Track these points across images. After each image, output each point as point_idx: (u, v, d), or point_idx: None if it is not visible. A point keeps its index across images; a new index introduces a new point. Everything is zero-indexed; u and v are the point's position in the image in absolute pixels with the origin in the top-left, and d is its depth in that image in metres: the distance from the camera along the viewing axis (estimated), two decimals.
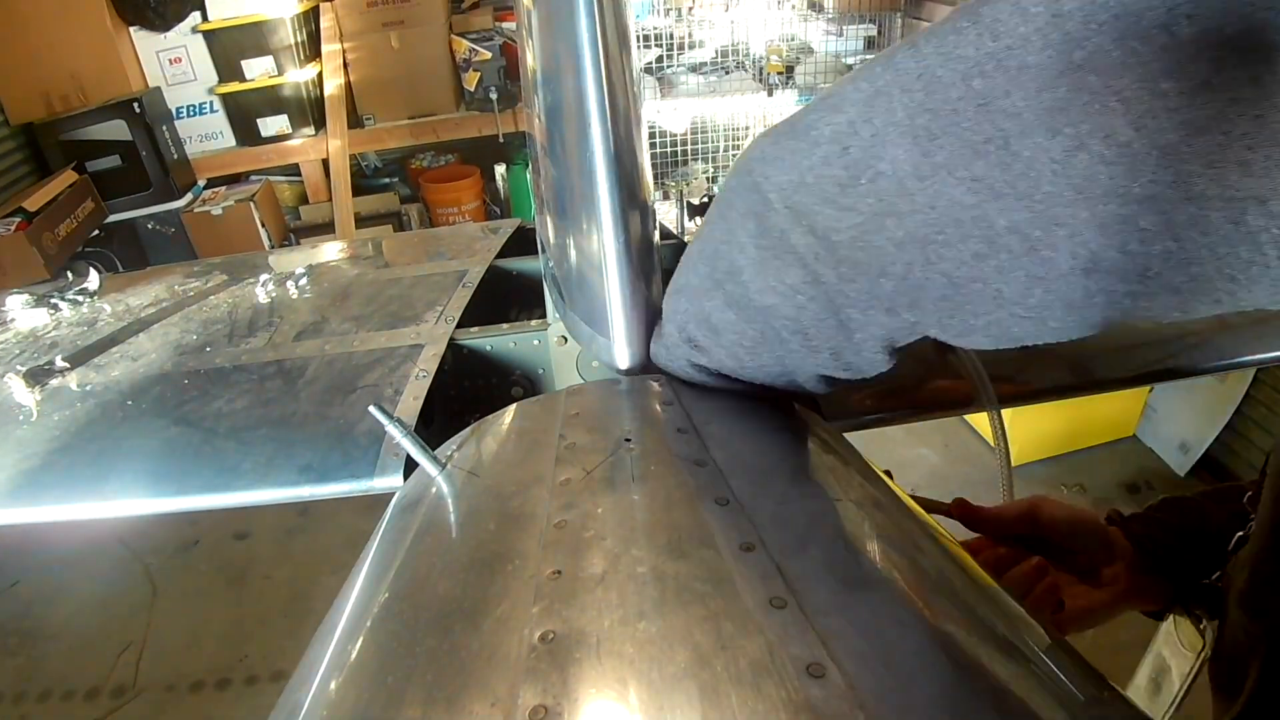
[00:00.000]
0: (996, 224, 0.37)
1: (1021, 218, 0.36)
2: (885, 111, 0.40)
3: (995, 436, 0.75)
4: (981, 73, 0.36)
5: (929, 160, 0.38)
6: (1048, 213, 0.35)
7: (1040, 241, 0.36)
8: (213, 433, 0.85)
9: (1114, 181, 0.33)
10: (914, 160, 0.39)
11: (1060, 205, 0.35)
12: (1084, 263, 0.35)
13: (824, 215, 0.44)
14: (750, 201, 0.49)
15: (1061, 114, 0.34)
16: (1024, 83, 0.34)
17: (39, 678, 2.43)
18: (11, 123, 3.49)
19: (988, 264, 0.38)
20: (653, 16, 4.21)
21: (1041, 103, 0.34)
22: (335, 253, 1.39)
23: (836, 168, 0.42)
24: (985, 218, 0.37)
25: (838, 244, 0.44)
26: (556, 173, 0.71)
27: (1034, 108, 0.34)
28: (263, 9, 3.74)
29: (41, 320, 1.21)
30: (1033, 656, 0.40)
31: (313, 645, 0.48)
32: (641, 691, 0.32)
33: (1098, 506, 2.58)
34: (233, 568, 2.77)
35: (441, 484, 0.57)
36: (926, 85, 0.38)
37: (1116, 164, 0.33)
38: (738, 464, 0.50)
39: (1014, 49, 0.35)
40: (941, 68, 0.37)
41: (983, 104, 0.36)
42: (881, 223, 0.41)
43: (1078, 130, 0.33)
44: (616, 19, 0.58)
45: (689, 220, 4.01)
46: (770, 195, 0.47)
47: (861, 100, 0.41)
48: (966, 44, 0.36)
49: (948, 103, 0.37)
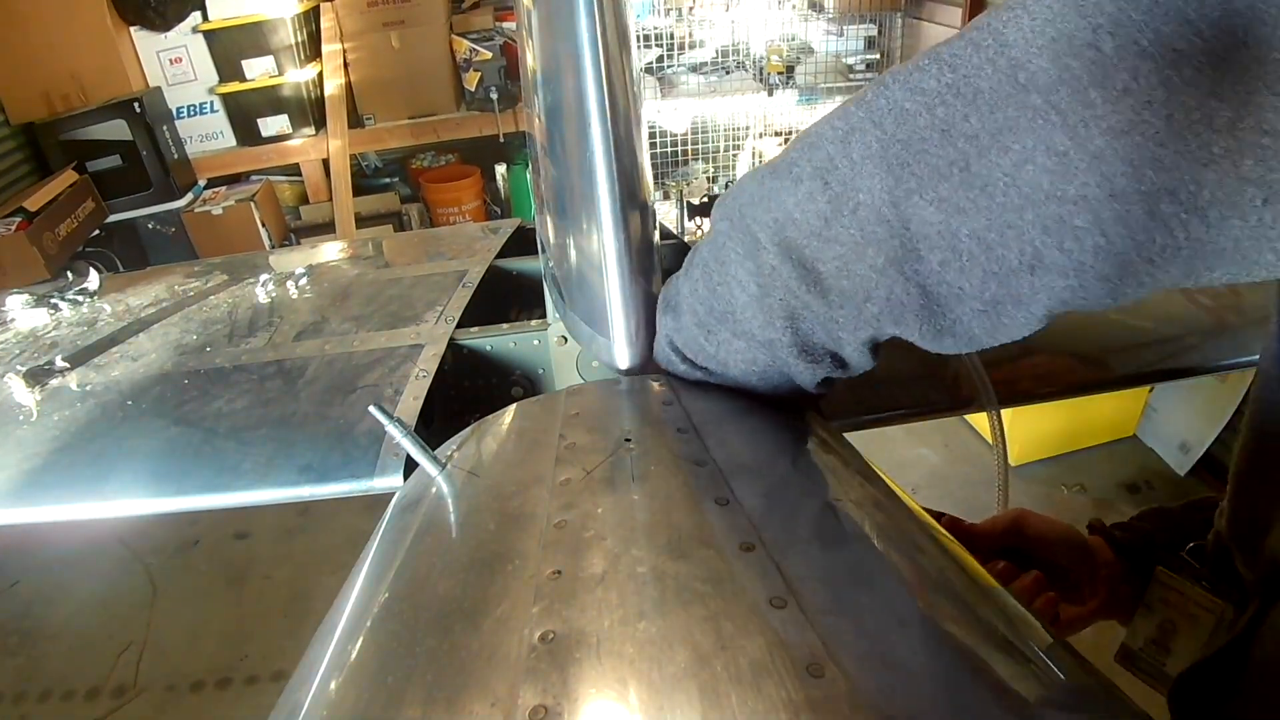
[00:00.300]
0: (960, 234, 0.41)
1: (980, 225, 0.40)
2: (861, 145, 0.43)
3: (994, 436, 0.75)
4: (943, 102, 0.40)
5: (902, 186, 0.42)
6: (1001, 218, 0.40)
7: (995, 243, 0.40)
8: (213, 433, 0.85)
9: (1053, 186, 0.37)
10: (888, 187, 0.42)
11: (1011, 212, 0.39)
12: (1029, 260, 0.40)
13: (810, 248, 0.47)
14: (743, 242, 0.52)
15: (1010, 132, 0.38)
16: (979, 105, 0.39)
17: (39, 678, 2.42)
18: (12, 123, 3.49)
19: (951, 268, 0.43)
20: (653, 16, 4.21)
21: (995, 123, 0.38)
22: (335, 253, 1.39)
23: (820, 202, 0.46)
24: (950, 231, 0.41)
25: (824, 275, 0.47)
26: (556, 173, 0.71)
27: (988, 129, 0.39)
28: (263, 9, 3.74)
29: (41, 320, 1.21)
30: (1033, 656, 0.40)
31: (313, 645, 0.48)
32: (641, 691, 0.32)
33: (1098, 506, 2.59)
34: (233, 568, 2.77)
35: (441, 484, 0.57)
36: (896, 118, 0.42)
37: (1055, 171, 0.37)
38: (738, 464, 0.50)
39: (969, 78, 0.39)
40: (908, 101, 0.41)
41: (945, 130, 0.40)
42: (863, 251, 0.45)
43: (1024, 145, 0.38)
44: (616, 19, 0.58)
45: (689, 220, 4.01)
46: (759, 235, 0.50)
47: (838, 138, 0.45)
48: (929, 78, 0.41)
49: (915, 132, 0.41)
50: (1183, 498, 0.85)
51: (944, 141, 0.40)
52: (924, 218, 0.42)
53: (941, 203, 0.41)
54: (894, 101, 0.42)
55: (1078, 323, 1.00)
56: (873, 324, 0.48)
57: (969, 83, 0.39)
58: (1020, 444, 2.86)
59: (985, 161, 0.39)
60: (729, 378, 0.60)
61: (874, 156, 0.43)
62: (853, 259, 0.45)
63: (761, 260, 0.50)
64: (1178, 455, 2.85)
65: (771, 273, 0.50)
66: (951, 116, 0.40)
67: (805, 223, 0.47)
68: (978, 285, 0.42)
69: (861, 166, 0.43)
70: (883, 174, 0.42)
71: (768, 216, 0.49)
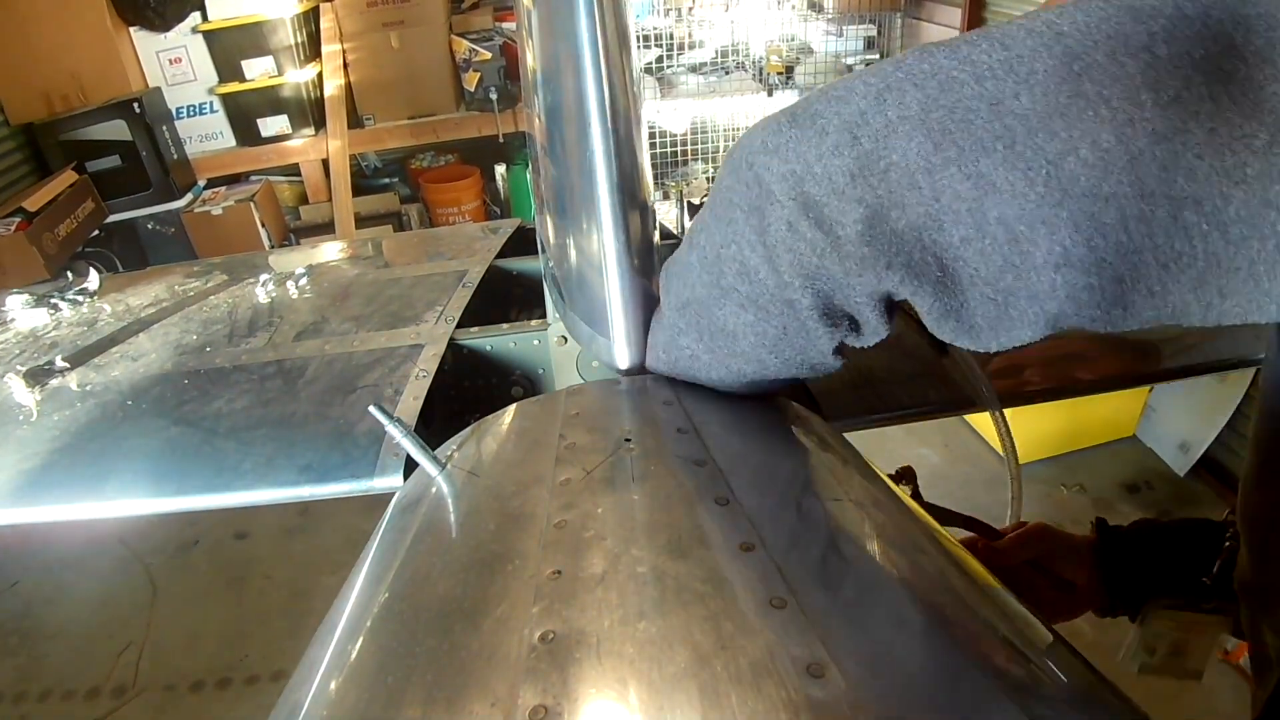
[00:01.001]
0: (988, 215, 0.40)
1: (1011, 212, 0.40)
2: (898, 105, 0.42)
3: (1000, 437, 0.75)
4: (994, 75, 0.39)
5: (940, 154, 0.40)
6: (1036, 211, 0.39)
7: (1023, 236, 0.40)
8: (213, 433, 0.85)
9: (1090, 183, 0.38)
10: (925, 153, 0.41)
11: (1048, 205, 0.39)
12: (1057, 258, 0.39)
13: (831, 206, 0.44)
14: (753, 196, 0.48)
15: (1061, 118, 0.38)
16: (1032, 86, 0.38)
17: (39, 678, 2.42)
18: (11, 123, 3.48)
19: (971, 247, 0.41)
20: (653, 16, 4.22)
21: (1047, 105, 0.38)
22: (335, 253, 1.39)
23: (847, 158, 0.43)
24: (979, 209, 0.40)
25: (843, 238, 0.44)
26: (556, 173, 0.71)
27: (1039, 110, 0.38)
28: (263, 9, 3.73)
29: (41, 320, 1.21)
30: (1033, 656, 0.40)
31: (313, 645, 0.48)
32: (641, 691, 0.32)
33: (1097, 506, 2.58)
34: (233, 568, 2.77)
35: (441, 484, 0.57)
36: (941, 84, 0.40)
37: (1095, 166, 0.37)
38: (738, 464, 0.50)
39: (1023, 57, 0.39)
40: (957, 70, 0.40)
41: (995, 104, 0.39)
42: (887, 214, 0.43)
43: (1071, 135, 0.38)
44: (616, 19, 0.58)
45: (689, 220, 4.01)
46: (774, 187, 0.47)
47: (873, 94, 0.43)
48: (980, 52, 0.40)
49: (962, 100, 0.40)
50: (1183, 498, 0.85)
51: (992, 115, 0.39)
52: (956, 190, 0.40)
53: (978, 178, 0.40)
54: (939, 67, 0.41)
55: None
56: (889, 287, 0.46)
57: (1024, 62, 0.39)
58: (1020, 444, 2.82)
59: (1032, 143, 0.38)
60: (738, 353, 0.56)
61: (912, 118, 0.41)
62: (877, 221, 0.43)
63: (775, 215, 0.47)
64: (1177, 455, 2.85)
65: (788, 229, 0.46)
66: (1002, 91, 0.39)
67: (827, 178, 0.44)
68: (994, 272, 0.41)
69: (898, 126, 0.41)
70: (921, 137, 0.41)
71: (784, 168, 0.46)
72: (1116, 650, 0.81)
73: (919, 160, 0.41)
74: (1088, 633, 0.93)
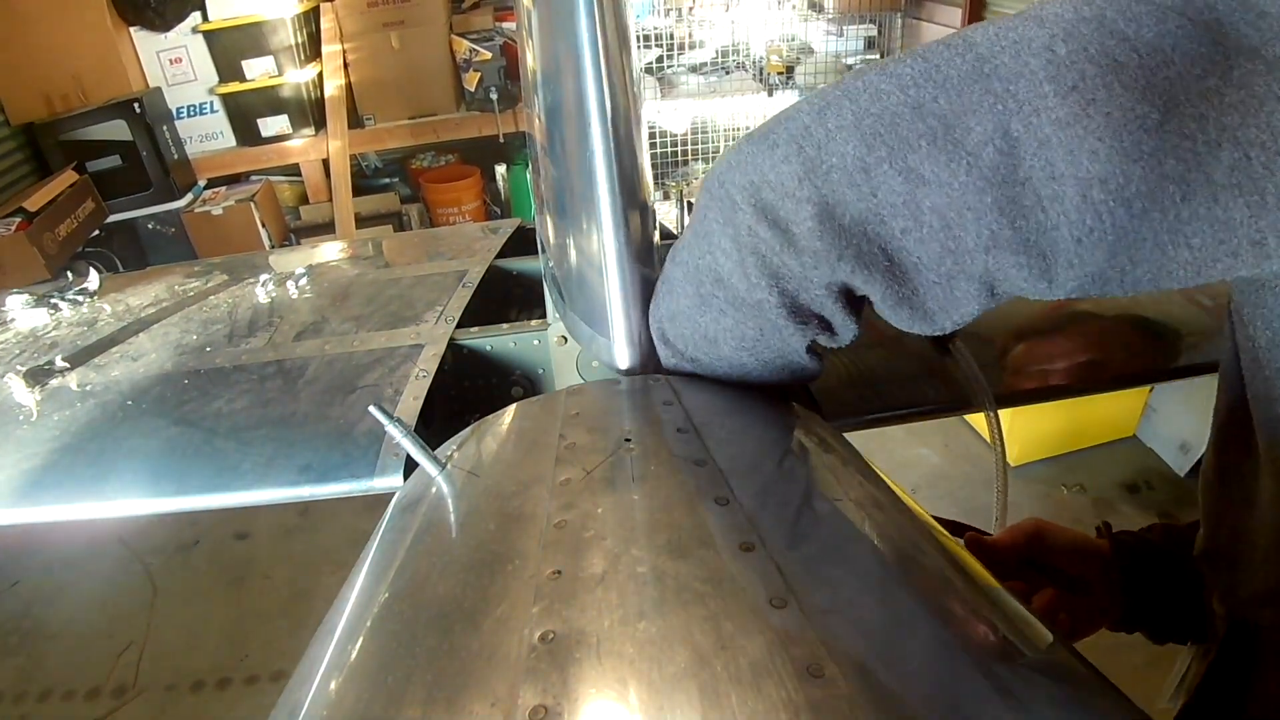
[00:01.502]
0: (922, 206, 0.45)
1: (941, 201, 0.44)
2: (836, 116, 0.47)
3: (992, 437, 0.75)
4: (915, 84, 0.45)
5: (873, 154, 0.46)
6: (961, 199, 0.44)
7: (954, 222, 0.44)
8: (213, 433, 0.85)
9: (1007, 170, 0.42)
10: (860, 154, 0.46)
11: (971, 193, 0.43)
12: (985, 241, 0.44)
13: (784, 208, 0.50)
14: (722, 208, 0.54)
15: (974, 114, 0.43)
16: (948, 89, 0.44)
17: (39, 677, 2.42)
18: (11, 123, 3.48)
19: (910, 237, 0.46)
20: (653, 16, 4.22)
21: (961, 103, 0.43)
22: (335, 253, 1.39)
23: (795, 164, 0.49)
24: (914, 201, 0.45)
25: (797, 235, 0.50)
26: (556, 173, 0.71)
27: (955, 109, 0.43)
28: (263, 9, 3.73)
29: (41, 320, 1.21)
30: (1033, 656, 0.40)
31: (313, 645, 0.48)
32: (641, 691, 0.32)
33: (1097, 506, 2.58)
34: (233, 568, 2.77)
35: (441, 484, 0.57)
36: (871, 95, 0.46)
37: (1009, 155, 0.42)
38: (738, 464, 0.50)
39: (940, 66, 0.44)
40: (884, 83, 0.46)
41: (916, 107, 0.44)
42: (832, 211, 0.48)
43: (984, 128, 0.42)
44: (616, 19, 0.58)
45: (689, 220, 4.01)
46: (736, 197, 0.52)
47: (815, 110, 0.49)
48: (904, 67, 0.46)
49: (889, 108, 0.45)
50: (1183, 498, 0.85)
51: (915, 117, 0.44)
52: (891, 186, 0.45)
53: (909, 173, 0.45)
54: (870, 83, 0.47)
55: (1077, 322, 1.00)
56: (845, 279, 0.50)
57: (940, 70, 0.44)
58: (1020, 444, 2.86)
59: (951, 137, 0.43)
60: (722, 358, 0.60)
61: (848, 126, 0.46)
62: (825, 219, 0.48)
63: (739, 222, 0.52)
64: (1178, 455, 2.85)
65: (749, 233, 0.52)
66: (922, 97, 0.44)
67: (779, 184, 0.50)
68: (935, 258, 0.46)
69: (836, 134, 0.47)
70: (856, 141, 0.46)
71: (744, 179, 0.52)
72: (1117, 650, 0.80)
73: (855, 161, 0.46)
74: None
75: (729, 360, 0.60)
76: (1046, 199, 0.41)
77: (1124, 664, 0.76)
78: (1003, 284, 0.46)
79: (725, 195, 0.53)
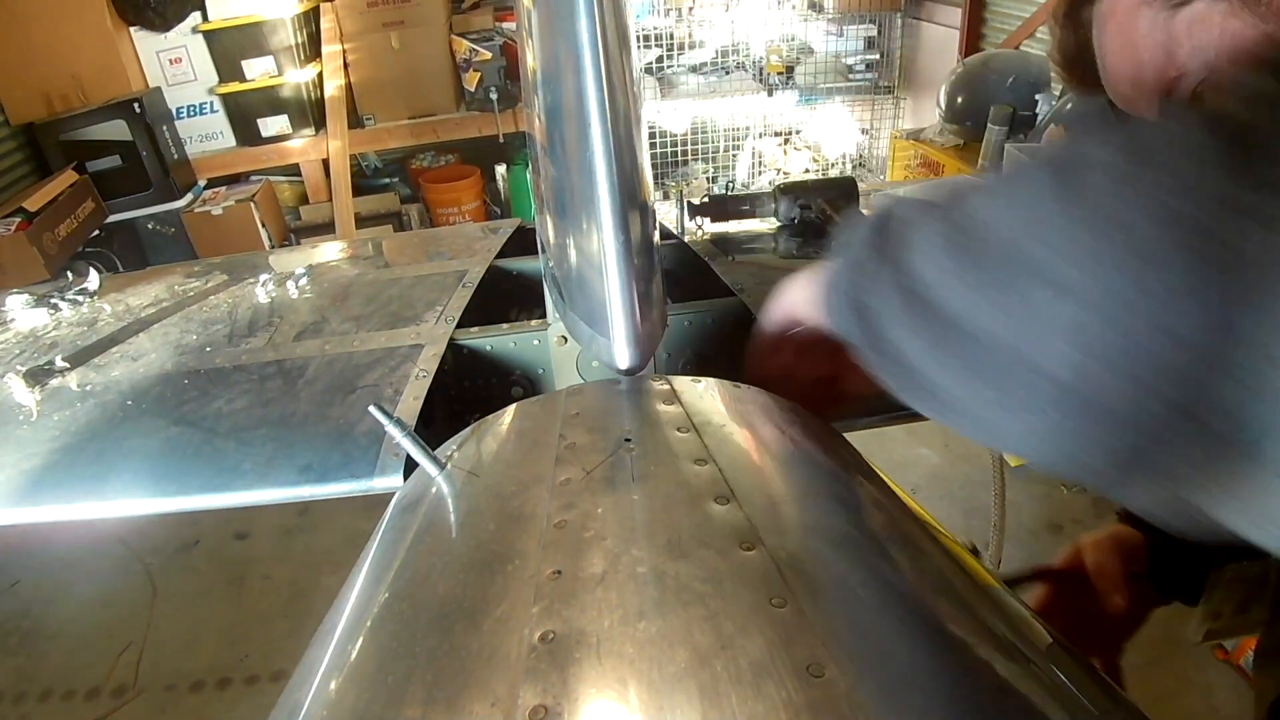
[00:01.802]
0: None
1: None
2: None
3: None
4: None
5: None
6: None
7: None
8: (213, 433, 0.85)
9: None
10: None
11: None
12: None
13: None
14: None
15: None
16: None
17: (39, 677, 2.42)
18: (12, 123, 3.49)
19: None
20: (653, 16, 4.22)
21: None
22: (335, 253, 1.39)
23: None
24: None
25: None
26: (556, 173, 0.71)
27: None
28: (263, 9, 3.74)
29: (41, 320, 1.21)
30: (1032, 656, 0.40)
31: (313, 645, 0.48)
32: (641, 691, 0.32)
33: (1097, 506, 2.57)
34: (233, 568, 2.77)
35: (441, 484, 0.57)
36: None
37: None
38: (738, 464, 0.50)
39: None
40: None
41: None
42: None
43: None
44: (616, 19, 0.58)
45: (689, 220, 4.01)
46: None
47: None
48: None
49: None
50: None
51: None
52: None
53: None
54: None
55: None
56: None
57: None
58: None
59: None
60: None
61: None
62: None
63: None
64: None
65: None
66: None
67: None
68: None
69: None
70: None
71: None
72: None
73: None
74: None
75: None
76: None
77: (1124, 664, 0.76)
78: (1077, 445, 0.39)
79: None
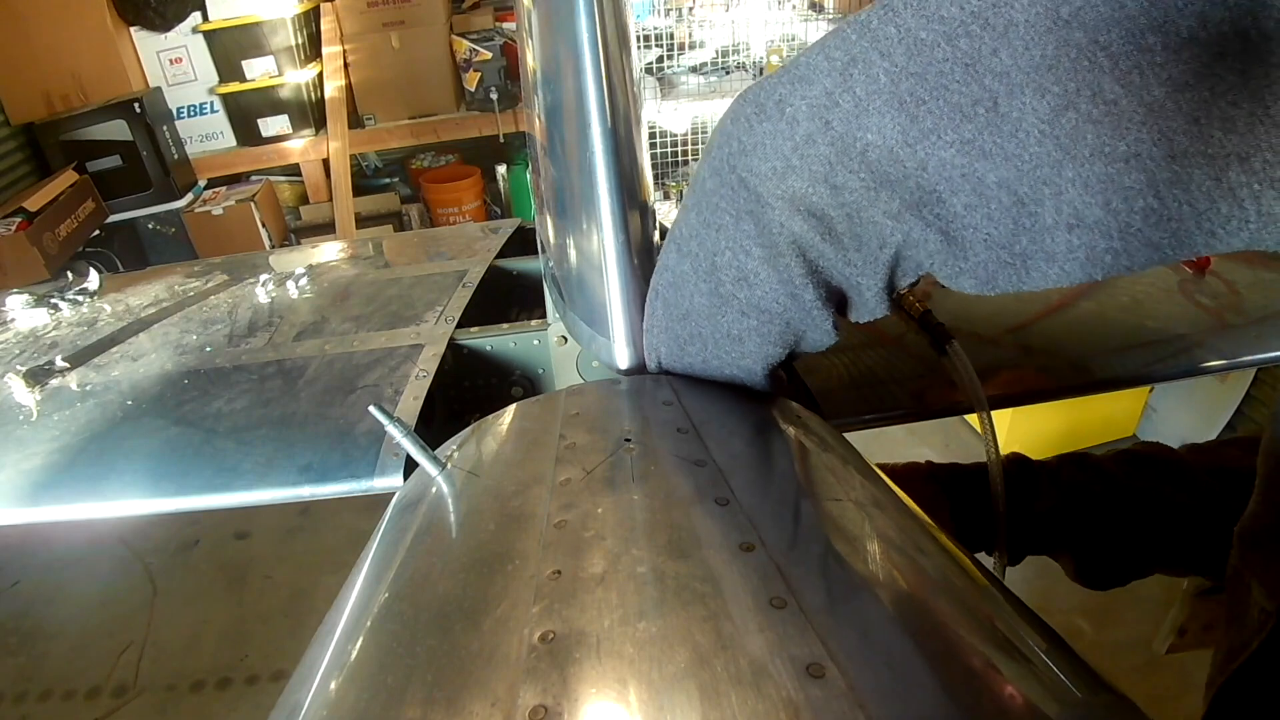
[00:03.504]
0: (986, 179, 0.37)
1: (1009, 174, 0.36)
2: (865, 79, 0.38)
3: (985, 438, 0.75)
4: (967, 32, 0.35)
5: (917, 126, 0.37)
6: (1035, 172, 0.35)
7: (1027, 197, 0.36)
8: (213, 433, 0.85)
9: (1100, 140, 0.33)
10: (902, 127, 0.38)
11: (1046, 166, 0.35)
12: (1068, 219, 0.36)
13: (818, 195, 0.42)
14: (740, 200, 0.46)
15: (1049, 71, 0.33)
16: (1011, 40, 0.33)
17: (39, 677, 2.42)
18: (12, 123, 3.49)
19: (977, 213, 0.38)
20: (653, 16, 4.22)
21: (1030, 60, 0.33)
22: (335, 253, 1.39)
23: (822, 145, 0.41)
24: (975, 174, 0.37)
25: (835, 220, 0.43)
26: (556, 173, 0.71)
27: (1021, 66, 0.34)
28: (263, 9, 3.74)
29: (41, 320, 1.21)
30: (1032, 656, 0.40)
31: (313, 645, 0.48)
32: (641, 691, 0.32)
33: None
34: (233, 568, 2.77)
35: (441, 484, 0.57)
36: (909, 49, 0.36)
37: (1103, 122, 0.33)
38: (738, 464, 0.50)
39: (999, 6, 0.34)
40: (924, 30, 0.36)
41: (969, 64, 0.35)
42: (876, 195, 0.40)
43: (1065, 88, 0.33)
44: (616, 19, 0.58)
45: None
46: (760, 190, 0.45)
47: (836, 69, 0.39)
48: (948, 4, 0.35)
49: (933, 64, 0.36)
50: None
51: (967, 76, 0.35)
52: (943, 159, 0.37)
53: (964, 145, 0.36)
54: (906, 30, 0.36)
55: (1075, 322, 1.00)
56: (890, 267, 0.44)
57: (999, 12, 0.34)
58: (1020, 444, 2.85)
59: (1016, 103, 0.34)
60: (747, 353, 0.55)
61: (882, 92, 0.37)
62: (865, 205, 0.41)
63: (768, 219, 0.45)
64: None
65: (781, 230, 0.45)
66: (978, 50, 0.34)
67: (807, 170, 0.42)
68: (1007, 235, 0.38)
69: (867, 104, 0.38)
70: (894, 111, 0.37)
71: (764, 166, 0.44)
72: (1117, 650, 0.81)
73: (896, 135, 0.38)
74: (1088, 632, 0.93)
75: (753, 355, 0.54)
76: (1164, 182, 0.33)
77: (1124, 664, 0.77)
78: (1092, 270, 0.38)
79: (741, 184, 0.46)
